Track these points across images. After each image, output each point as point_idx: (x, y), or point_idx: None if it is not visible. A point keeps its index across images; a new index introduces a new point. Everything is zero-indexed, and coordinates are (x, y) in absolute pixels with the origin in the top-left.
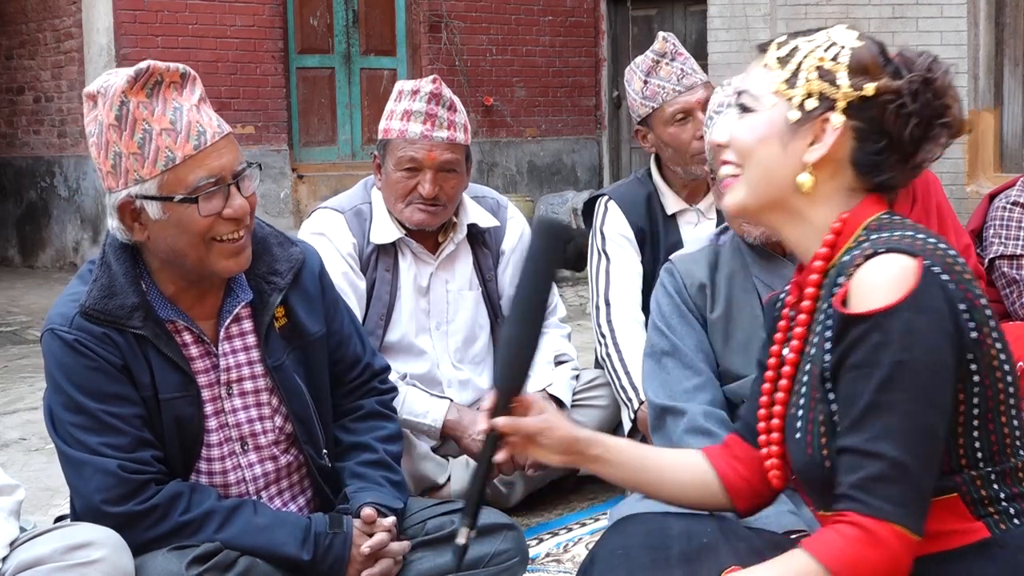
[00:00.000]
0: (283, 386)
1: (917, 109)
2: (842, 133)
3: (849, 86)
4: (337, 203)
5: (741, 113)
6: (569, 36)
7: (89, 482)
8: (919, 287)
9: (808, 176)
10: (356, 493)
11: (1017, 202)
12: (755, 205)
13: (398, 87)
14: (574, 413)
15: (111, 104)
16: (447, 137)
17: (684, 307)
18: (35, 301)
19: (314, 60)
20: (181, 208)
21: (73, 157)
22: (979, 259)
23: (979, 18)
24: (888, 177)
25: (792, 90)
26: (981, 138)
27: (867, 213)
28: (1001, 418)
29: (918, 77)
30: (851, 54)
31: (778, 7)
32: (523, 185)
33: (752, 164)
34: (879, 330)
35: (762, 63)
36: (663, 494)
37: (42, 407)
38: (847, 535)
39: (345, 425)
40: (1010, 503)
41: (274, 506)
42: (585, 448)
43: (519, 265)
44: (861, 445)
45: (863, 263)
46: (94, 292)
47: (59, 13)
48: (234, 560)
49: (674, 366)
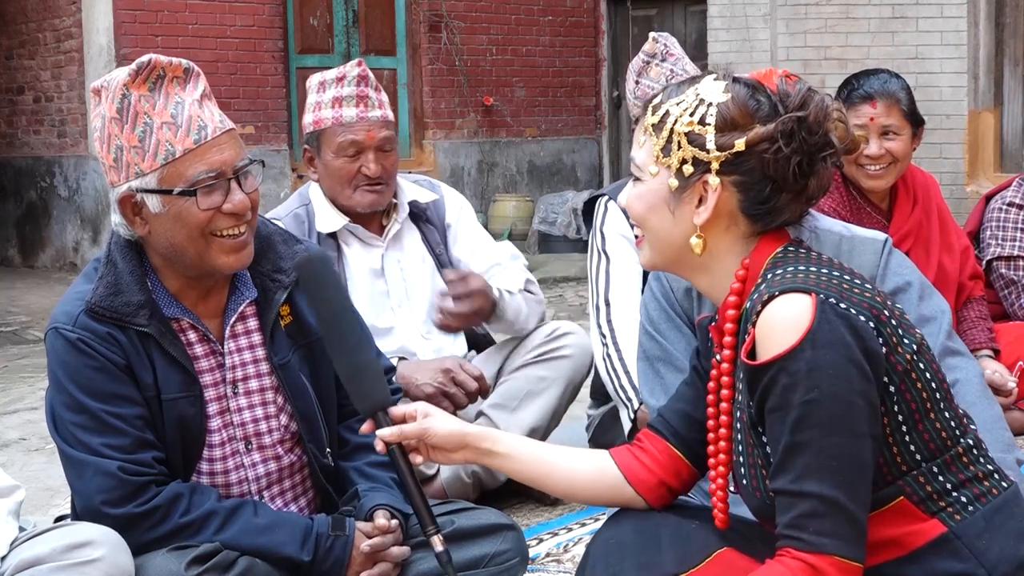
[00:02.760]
0: (288, 384)
1: (795, 149)
2: (724, 189)
3: (718, 147)
4: (275, 213)
5: (634, 182)
6: (569, 36)
7: (89, 483)
8: (815, 324)
9: (697, 239)
10: (368, 493)
11: (1013, 203)
12: (662, 263)
13: (316, 79)
14: (541, 368)
15: (113, 97)
16: (381, 116)
17: (672, 311)
18: (35, 301)
19: (314, 60)
20: (180, 201)
21: (73, 157)
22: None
23: (979, 18)
24: (784, 218)
25: (668, 158)
26: (981, 138)
27: (766, 254)
28: (930, 415)
29: (789, 118)
30: (717, 112)
31: (778, 7)
32: (523, 185)
33: (648, 230)
34: (784, 373)
35: (643, 128)
36: (560, 487)
37: (43, 407)
38: (792, 567)
39: (351, 426)
40: (960, 491)
41: (276, 506)
42: (476, 442)
43: (312, 310)
44: (788, 486)
45: (762, 309)
46: (100, 289)
47: (59, 13)
48: (234, 560)
49: (667, 370)
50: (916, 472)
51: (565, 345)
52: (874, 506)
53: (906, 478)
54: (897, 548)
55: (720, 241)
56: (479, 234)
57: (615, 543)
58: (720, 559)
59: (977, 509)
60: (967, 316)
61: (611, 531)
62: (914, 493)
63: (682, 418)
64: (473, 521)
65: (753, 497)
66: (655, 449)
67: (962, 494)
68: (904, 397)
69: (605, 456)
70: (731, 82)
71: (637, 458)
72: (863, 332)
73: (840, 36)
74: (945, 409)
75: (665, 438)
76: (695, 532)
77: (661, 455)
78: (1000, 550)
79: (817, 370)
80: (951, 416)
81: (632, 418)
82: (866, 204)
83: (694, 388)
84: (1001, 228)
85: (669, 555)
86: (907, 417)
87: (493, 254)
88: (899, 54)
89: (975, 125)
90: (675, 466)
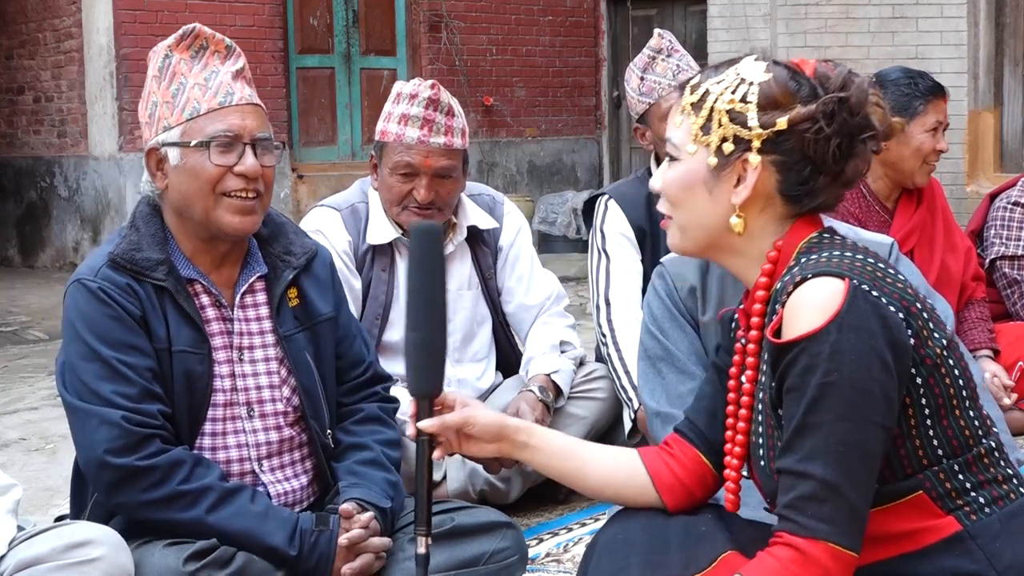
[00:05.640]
0: (292, 357)
1: (835, 130)
2: (764, 169)
3: (760, 125)
4: (334, 201)
5: (670, 162)
6: (569, 36)
7: (94, 433)
8: (844, 308)
9: (738, 218)
10: (346, 489)
11: (1018, 202)
12: (692, 247)
13: (397, 88)
14: (572, 405)
15: (157, 56)
16: (444, 143)
17: (675, 310)
18: (35, 301)
19: (314, 60)
20: (196, 154)
21: (73, 157)
22: (979, 259)
23: (979, 18)
24: (820, 201)
25: (708, 136)
26: (981, 138)
27: (800, 237)
28: (955, 412)
29: (831, 98)
30: (759, 91)
31: (778, 7)
32: (523, 185)
33: (682, 211)
34: (806, 354)
35: (680, 108)
36: (588, 484)
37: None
38: (781, 557)
39: (346, 428)
40: (978, 492)
41: (275, 478)
42: (513, 434)
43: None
44: (792, 466)
45: (794, 290)
46: (123, 244)
47: (59, 13)
48: (231, 556)
49: (668, 370)
50: (937, 468)
51: (600, 388)
52: (891, 498)
53: (926, 472)
54: (910, 543)
55: (755, 222)
56: (529, 263)
57: (623, 540)
58: (726, 563)
59: (994, 512)
60: (968, 317)
61: (619, 527)
62: (933, 488)
63: (708, 418)
64: (472, 519)
65: (771, 480)
66: (683, 455)
67: (980, 495)
68: (932, 391)
69: (635, 457)
70: (771, 63)
71: (666, 463)
72: (891, 322)
73: (840, 36)
74: (970, 408)
75: (694, 445)
76: (704, 535)
77: (689, 462)
78: (1014, 555)
79: (839, 354)
80: (975, 416)
81: (632, 417)
82: (874, 202)
83: (714, 386)
84: (1005, 227)
85: (676, 557)
86: (933, 411)
87: (538, 292)
88: (899, 54)
89: (975, 125)
90: (701, 473)
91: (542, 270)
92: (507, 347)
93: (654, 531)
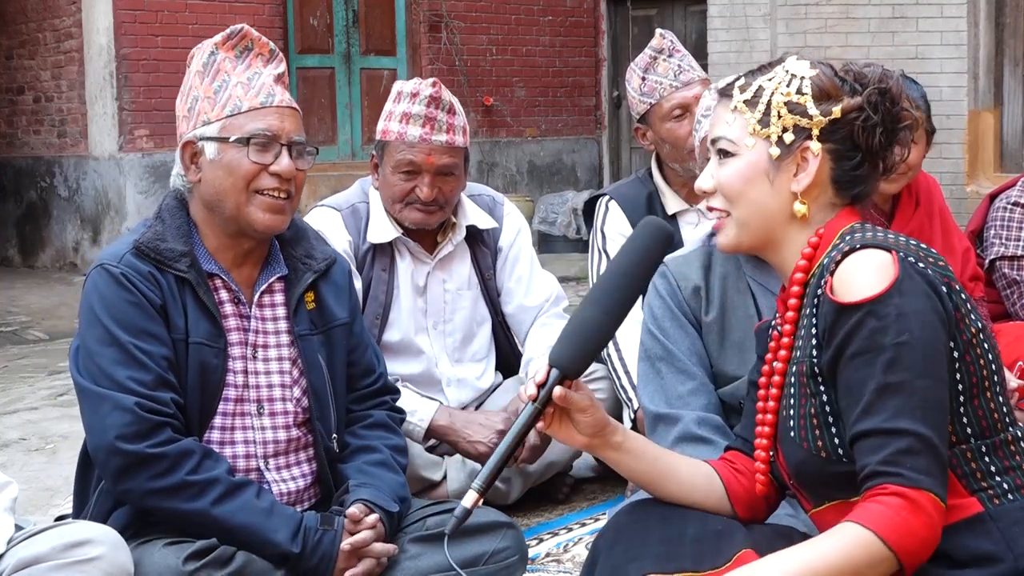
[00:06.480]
0: (305, 359)
1: (880, 119)
2: (821, 157)
3: (819, 113)
4: (334, 201)
5: (722, 159)
6: (569, 36)
7: (106, 418)
8: (901, 275)
9: (802, 204)
10: (355, 488)
11: (1018, 203)
12: (749, 242)
13: (397, 87)
14: None
15: (202, 53)
16: (446, 141)
17: (678, 310)
18: (35, 301)
19: (314, 60)
20: (233, 150)
21: (73, 157)
22: (979, 260)
23: (979, 18)
24: (862, 188)
25: (767, 128)
26: (981, 138)
27: (841, 225)
28: (986, 393)
29: (875, 90)
30: (811, 84)
31: (778, 7)
32: (523, 185)
33: (743, 205)
34: (873, 316)
35: (730, 107)
36: (670, 489)
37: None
38: (892, 504)
39: (355, 431)
40: (1003, 477)
41: (279, 477)
42: (610, 434)
43: (624, 252)
44: (881, 425)
45: (842, 259)
46: (148, 234)
47: (59, 13)
48: (231, 555)
49: (668, 371)
50: (965, 447)
51: (600, 389)
52: None
53: (954, 450)
54: None
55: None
56: (528, 264)
57: (640, 527)
58: (742, 561)
59: (1017, 499)
60: None
61: (637, 514)
62: (959, 466)
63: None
64: (472, 519)
65: (800, 449)
66: (747, 469)
67: (1005, 480)
68: (968, 368)
69: (711, 470)
70: (813, 61)
71: (736, 477)
72: (939, 291)
73: (840, 36)
74: (1000, 393)
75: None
76: (721, 532)
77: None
78: None
79: (906, 316)
80: (1004, 402)
81: (632, 418)
82: (871, 206)
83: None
84: (1005, 227)
85: (690, 550)
86: (966, 388)
87: (538, 294)
88: (899, 54)
89: (975, 125)
90: (767, 489)
91: (542, 271)
92: (507, 347)
93: (672, 522)
